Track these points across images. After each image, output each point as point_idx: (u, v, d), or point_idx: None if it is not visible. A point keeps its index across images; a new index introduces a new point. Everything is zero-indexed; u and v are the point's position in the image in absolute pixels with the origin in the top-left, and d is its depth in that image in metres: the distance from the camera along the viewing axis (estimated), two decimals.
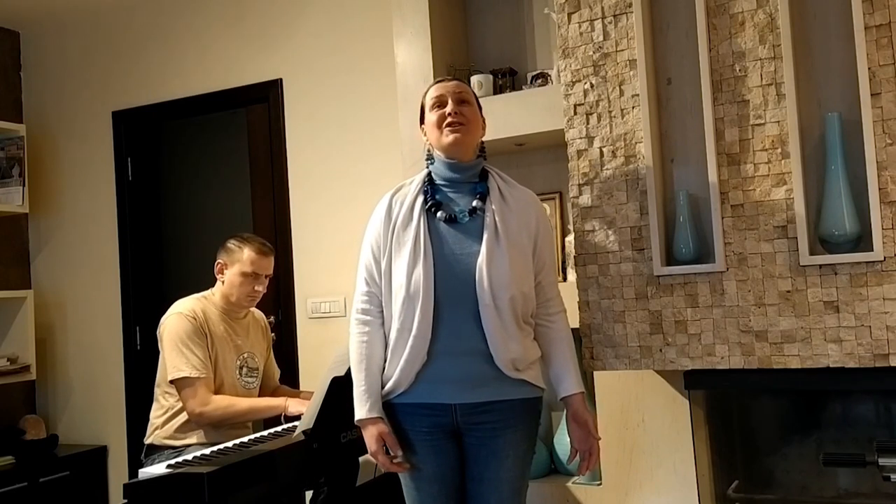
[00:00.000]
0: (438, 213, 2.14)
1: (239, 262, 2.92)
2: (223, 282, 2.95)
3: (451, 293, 2.07)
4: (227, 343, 2.93)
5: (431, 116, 2.19)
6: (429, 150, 2.24)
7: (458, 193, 2.18)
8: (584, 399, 2.19)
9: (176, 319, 2.84)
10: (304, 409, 2.75)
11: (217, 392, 2.86)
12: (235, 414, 2.81)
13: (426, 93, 2.24)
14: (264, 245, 2.98)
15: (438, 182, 2.20)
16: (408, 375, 2.09)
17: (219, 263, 2.96)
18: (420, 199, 2.16)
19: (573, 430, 2.17)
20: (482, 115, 2.27)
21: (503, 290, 2.06)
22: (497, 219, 2.11)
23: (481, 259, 2.06)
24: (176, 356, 2.79)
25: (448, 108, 2.15)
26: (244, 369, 2.97)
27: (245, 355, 2.99)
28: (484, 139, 2.93)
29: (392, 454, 2.11)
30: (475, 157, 2.22)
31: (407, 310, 2.07)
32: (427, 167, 2.24)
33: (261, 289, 2.97)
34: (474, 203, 2.14)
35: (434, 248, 2.10)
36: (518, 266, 2.10)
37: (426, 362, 2.08)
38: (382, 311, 2.17)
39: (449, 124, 2.15)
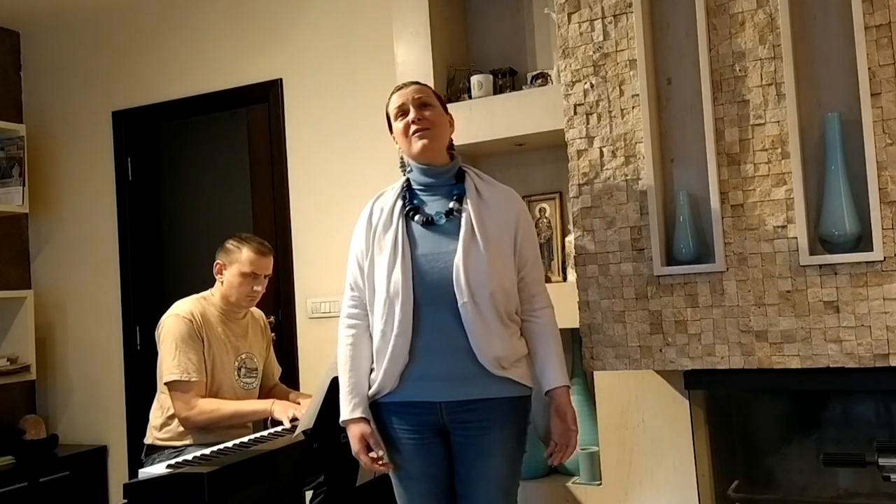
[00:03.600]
0: (416, 217, 2.17)
1: (238, 262, 2.91)
2: (222, 282, 2.95)
3: (431, 292, 2.09)
4: (226, 345, 2.93)
5: (398, 125, 2.21)
6: (402, 158, 2.28)
7: (435, 197, 2.21)
8: (568, 393, 2.20)
9: (173, 321, 2.84)
10: (289, 413, 2.76)
11: (216, 395, 2.86)
12: (220, 418, 2.79)
13: (388, 102, 2.26)
14: (263, 245, 2.98)
15: (416, 187, 2.23)
16: (392, 376, 2.11)
17: (218, 264, 2.96)
18: (399, 203, 2.19)
19: (555, 424, 2.18)
20: (448, 113, 2.28)
21: (482, 287, 2.07)
22: (473, 218, 2.13)
23: (458, 257, 2.09)
24: (169, 359, 2.79)
25: (411, 116, 2.18)
26: (243, 370, 2.97)
27: (243, 356, 2.99)
28: (484, 139, 2.96)
29: (375, 455, 2.13)
30: (450, 160, 2.24)
31: (388, 311, 2.10)
32: (404, 174, 2.26)
33: (260, 289, 2.97)
34: (451, 205, 2.17)
35: (413, 249, 2.13)
36: (496, 263, 2.11)
37: (409, 361, 2.10)
38: (368, 315, 2.20)
39: (415, 132, 2.17)
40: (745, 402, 2.76)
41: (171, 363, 2.78)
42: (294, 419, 2.73)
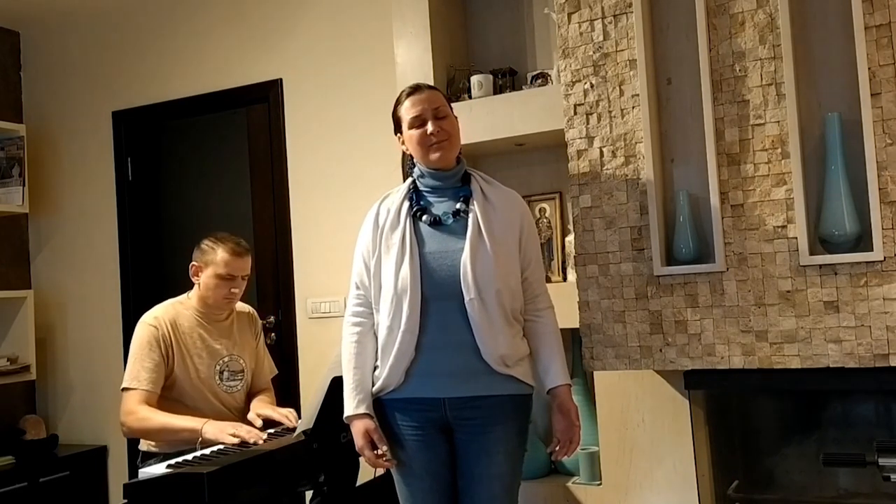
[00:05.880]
0: (424, 217, 2.19)
1: (213, 263, 2.81)
2: (199, 284, 2.85)
3: (438, 290, 2.11)
4: (201, 349, 2.83)
5: (413, 133, 2.21)
6: (404, 156, 2.28)
7: (442, 198, 2.22)
8: (570, 391, 2.21)
9: (138, 328, 2.79)
10: (223, 436, 2.55)
11: (189, 402, 2.77)
12: (149, 429, 2.69)
13: (400, 104, 2.25)
14: (239, 245, 2.85)
15: (423, 189, 2.24)
16: (397, 372, 2.13)
17: (194, 265, 2.86)
18: (406, 204, 2.21)
19: (558, 421, 2.19)
20: (454, 115, 2.28)
21: (488, 284, 2.09)
22: (480, 218, 2.15)
23: (465, 255, 2.11)
24: (128, 365, 2.75)
25: (430, 129, 2.18)
26: (224, 374, 2.87)
27: (225, 359, 2.89)
28: (484, 139, 2.97)
29: (379, 451, 2.13)
30: (456, 163, 2.25)
31: (395, 307, 2.12)
32: (411, 175, 2.27)
33: (237, 290, 2.86)
34: (458, 206, 2.19)
35: (420, 247, 2.15)
36: (502, 261, 2.13)
37: (415, 358, 2.12)
38: (373, 314, 2.21)
39: (433, 144, 2.18)
40: (745, 402, 2.76)
41: (127, 370, 2.75)
42: (247, 439, 2.53)
